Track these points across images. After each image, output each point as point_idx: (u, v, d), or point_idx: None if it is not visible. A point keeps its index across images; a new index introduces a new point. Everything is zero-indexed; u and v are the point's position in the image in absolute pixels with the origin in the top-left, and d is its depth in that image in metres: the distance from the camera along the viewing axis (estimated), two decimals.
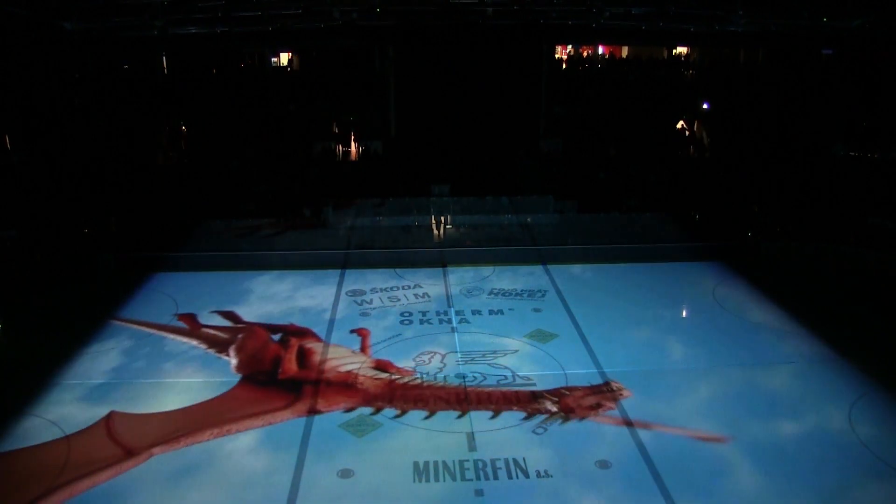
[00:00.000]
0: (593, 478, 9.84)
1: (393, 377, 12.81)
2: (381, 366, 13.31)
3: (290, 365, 13.39)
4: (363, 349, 14.13)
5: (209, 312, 16.02)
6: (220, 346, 14.31)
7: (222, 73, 27.61)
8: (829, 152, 23.75)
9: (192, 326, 15.31)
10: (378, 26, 22.41)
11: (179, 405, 11.91)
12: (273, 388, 12.57)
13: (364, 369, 13.14)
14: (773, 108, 25.37)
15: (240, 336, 14.74)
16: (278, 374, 13.03)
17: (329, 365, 13.39)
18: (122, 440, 10.77)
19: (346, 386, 12.52)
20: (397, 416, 11.46)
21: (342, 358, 13.65)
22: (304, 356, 13.76)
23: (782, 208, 21.36)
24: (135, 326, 15.31)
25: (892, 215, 19.98)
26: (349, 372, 13.01)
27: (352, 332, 14.98)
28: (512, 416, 11.40)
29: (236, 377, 12.94)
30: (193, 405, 11.91)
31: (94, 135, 23.72)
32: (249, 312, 16.03)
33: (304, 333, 14.89)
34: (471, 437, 10.83)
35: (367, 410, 11.61)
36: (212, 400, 12.13)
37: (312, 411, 11.62)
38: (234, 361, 13.59)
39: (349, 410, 11.64)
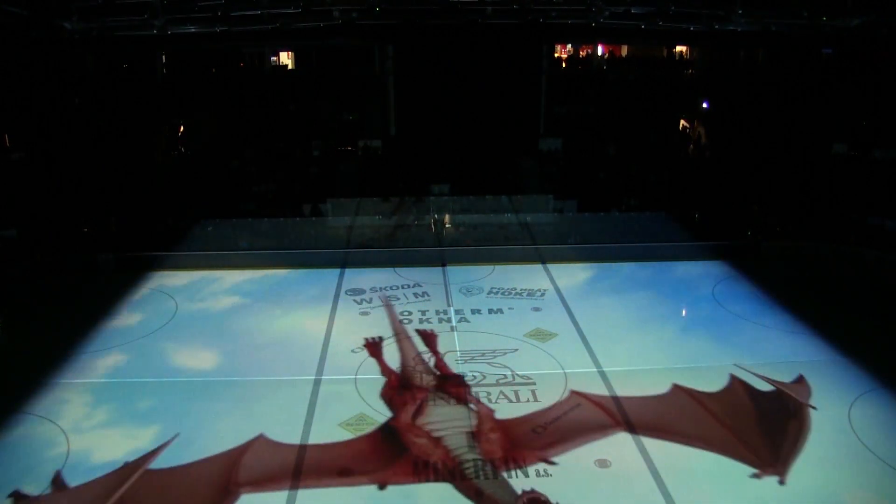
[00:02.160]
0: (593, 477, 9.84)
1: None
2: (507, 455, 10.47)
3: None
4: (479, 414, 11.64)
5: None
6: None
7: (222, 73, 27.61)
8: (830, 152, 23.76)
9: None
10: (378, 26, 22.41)
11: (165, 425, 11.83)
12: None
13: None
14: (773, 107, 25.37)
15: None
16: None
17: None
18: None
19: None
20: None
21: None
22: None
23: (782, 208, 21.36)
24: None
25: (892, 215, 19.99)
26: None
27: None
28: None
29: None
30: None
31: (94, 134, 23.73)
32: (260, 312, 16.07)
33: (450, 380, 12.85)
34: (471, 436, 10.84)
35: (368, 411, 11.65)
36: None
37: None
38: None
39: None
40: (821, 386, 12.43)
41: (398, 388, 12.39)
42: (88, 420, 11.34)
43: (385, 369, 13.11)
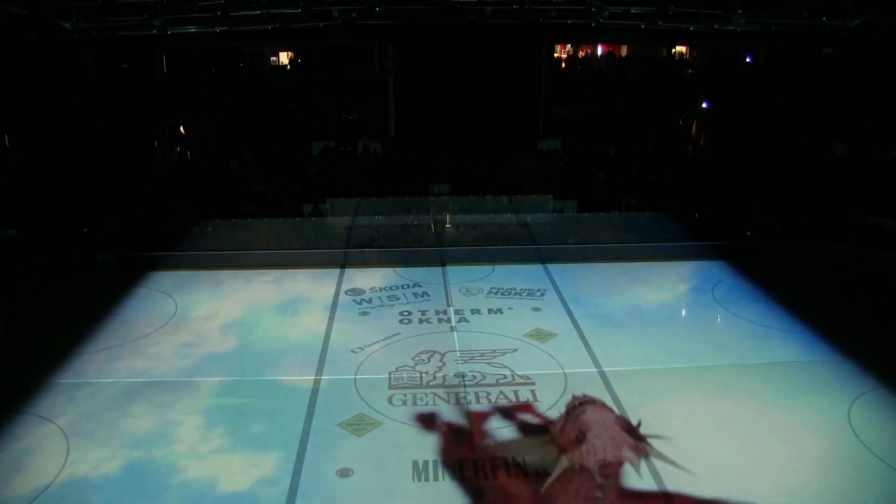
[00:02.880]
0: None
1: None
2: None
3: None
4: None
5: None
6: None
7: (222, 73, 27.62)
8: (829, 152, 23.77)
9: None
10: (378, 26, 22.41)
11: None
12: None
13: None
14: (773, 107, 25.36)
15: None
16: None
17: None
18: None
19: None
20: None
21: None
22: None
23: (782, 208, 21.37)
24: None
25: (892, 215, 19.99)
26: None
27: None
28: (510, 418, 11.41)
29: None
30: None
31: (93, 134, 23.74)
32: (260, 311, 16.06)
33: None
34: (471, 436, 10.84)
35: (367, 411, 11.64)
36: None
37: None
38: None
39: None
40: (821, 386, 12.44)
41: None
42: (86, 420, 11.39)
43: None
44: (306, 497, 9.42)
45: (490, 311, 16.05)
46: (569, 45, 28.86)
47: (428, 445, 10.59)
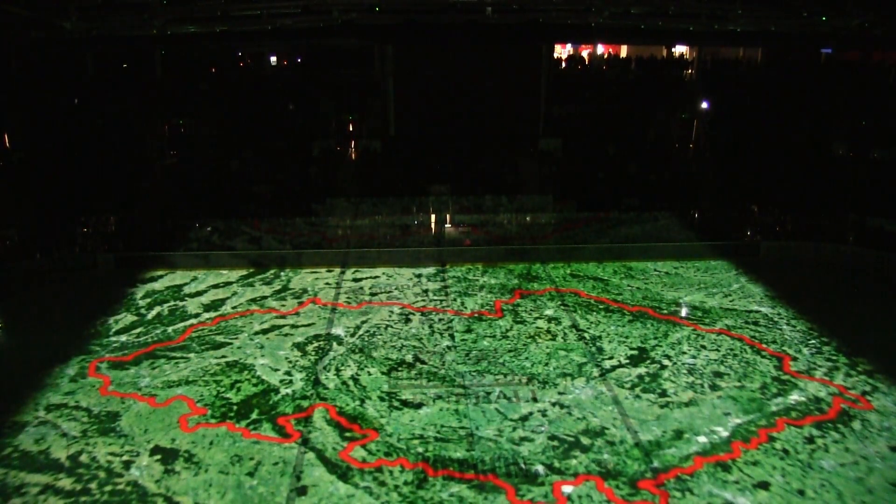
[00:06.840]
0: (591, 475, 9.85)
1: None
2: None
3: None
4: None
5: None
6: None
7: (222, 73, 27.63)
8: (829, 151, 23.77)
9: None
10: (378, 26, 22.44)
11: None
12: None
13: None
14: (772, 107, 25.38)
15: None
16: None
17: None
18: None
19: None
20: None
21: None
22: None
23: (782, 208, 21.38)
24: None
25: (892, 215, 20.00)
26: None
27: None
28: (512, 412, 11.41)
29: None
30: None
31: (93, 134, 23.74)
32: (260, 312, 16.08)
33: None
34: (471, 436, 10.84)
35: (367, 410, 11.65)
36: None
37: None
38: None
39: None
40: (820, 384, 12.44)
41: None
42: (84, 419, 11.41)
43: None
44: (306, 496, 9.44)
45: (490, 310, 16.05)
46: (569, 45, 28.88)
47: (429, 446, 10.61)
